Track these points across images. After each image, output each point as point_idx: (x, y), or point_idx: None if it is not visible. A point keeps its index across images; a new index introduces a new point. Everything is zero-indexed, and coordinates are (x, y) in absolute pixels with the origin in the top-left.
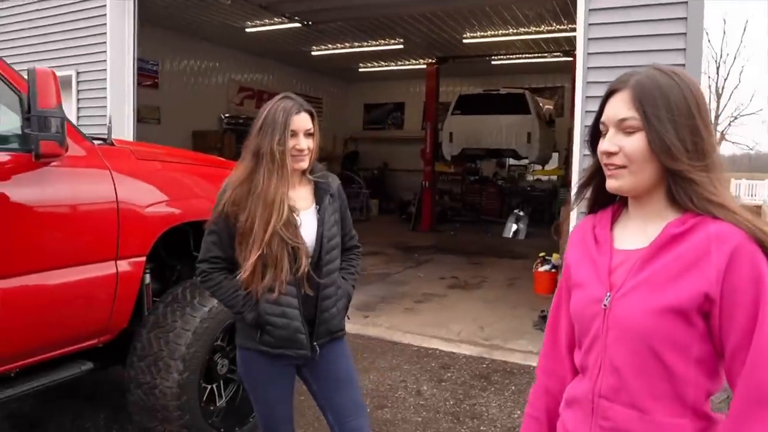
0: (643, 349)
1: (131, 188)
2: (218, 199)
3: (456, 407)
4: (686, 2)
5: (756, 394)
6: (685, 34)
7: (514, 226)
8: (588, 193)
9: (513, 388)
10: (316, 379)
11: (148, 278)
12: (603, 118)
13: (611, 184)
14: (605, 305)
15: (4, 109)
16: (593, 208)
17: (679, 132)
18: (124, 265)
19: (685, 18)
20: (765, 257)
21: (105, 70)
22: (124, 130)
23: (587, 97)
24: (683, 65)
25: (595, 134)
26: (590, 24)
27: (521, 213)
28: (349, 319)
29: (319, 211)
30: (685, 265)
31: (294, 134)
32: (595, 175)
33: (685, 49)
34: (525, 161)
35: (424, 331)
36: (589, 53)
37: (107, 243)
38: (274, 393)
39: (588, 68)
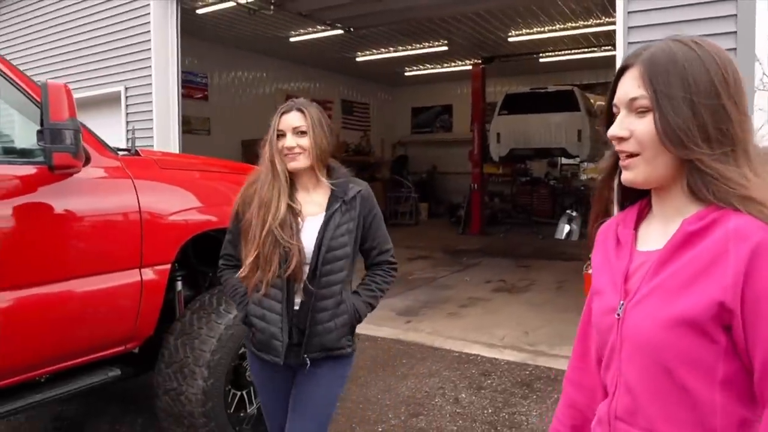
0: (656, 368)
1: (154, 197)
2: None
3: (494, 416)
4: None
5: None
6: (735, 15)
7: (567, 227)
8: (612, 192)
9: (556, 396)
10: (294, 390)
11: (179, 285)
12: (615, 99)
13: (625, 176)
14: (618, 315)
15: (32, 124)
16: (623, 204)
17: (697, 113)
18: (148, 273)
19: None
20: None
21: (150, 84)
22: (170, 141)
23: None
24: (735, 49)
25: (610, 120)
26: (630, 12)
27: (574, 213)
28: (353, 342)
29: (324, 218)
30: (700, 268)
31: (282, 134)
32: (615, 169)
33: (736, 32)
34: (576, 160)
35: (466, 336)
36: (629, 42)
37: (130, 251)
38: (268, 396)
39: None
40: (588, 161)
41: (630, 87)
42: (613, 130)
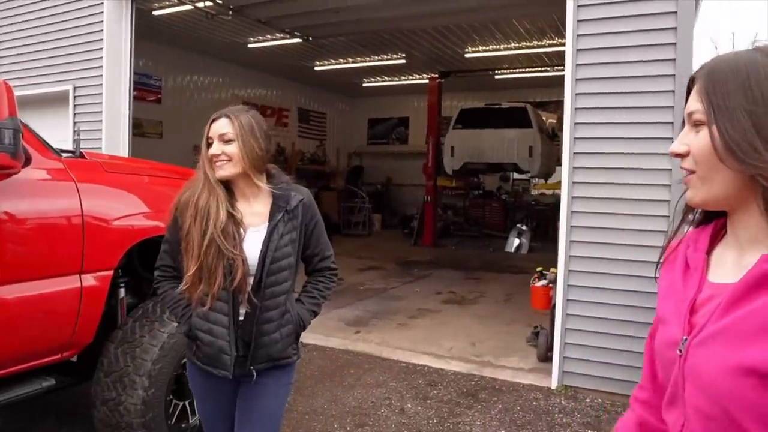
0: (720, 413)
1: (98, 201)
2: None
3: (439, 426)
4: (675, 12)
5: None
6: (674, 44)
7: (517, 241)
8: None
9: (500, 406)
10: (240, 402)
11: (122, 292)
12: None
13: (686, 195)
14: (681, 351)
15: None
16: (700, 222)
17: (759, 122)
18: (89, 279)
19: (675, 28)
20: None
21: (101, 85)
22: (119, 144)
23: (576, 108)
24: (673, 76)
25: None
26: (579, 35)
27: (524, 227)
28: (298, 350)
29: (268, 229)
30: None
31: (211, 141)
32: None
33: (674, 59)
34: (527, 175)
35: (414, 347)
36: (578, 64)
37: (70, 256)
38: (211, 408)
39: (577, 79)
40: (539, 177)
41: (691, 102)
42: (673, 146)
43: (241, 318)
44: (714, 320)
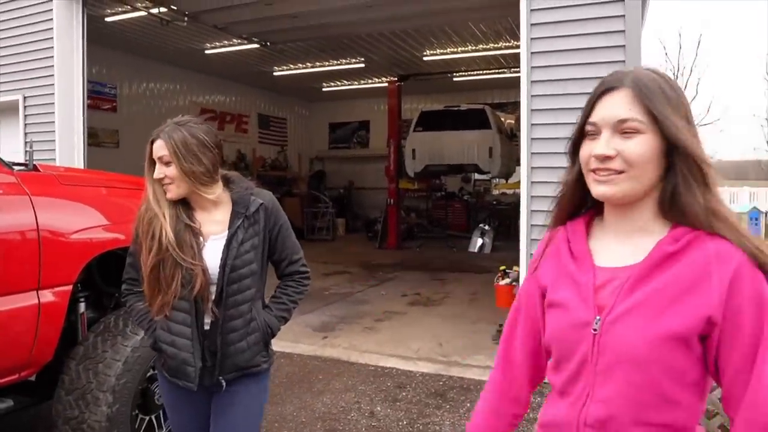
0: (639, 378)
1: (54, 214)
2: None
3: (409, 427)
4: (624, 16)
5: (761, 417)
6: (624, 46)
7: (480, 241)
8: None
9: (468, 405)
10: (213, 414)
11: (82, 307)
12: (595, 119)
13: (601, 191)
14: (595, 330)
15: None
16: (564, 220)
17: (680, 134)
18: (47, 295)
19: (623, 31)
20: (764, 277)
21: (53, 94)
22: (74, 155)
23: (532, 110)
24: None
25: (579, 138)
26: (532, 38)
27: (486, 227)
28: (269, 357)
29: (227, 237)
30: (685, 286)
31: (153, 163)
32: (577, 185)
33: (624, 61)
34: (488, 176)
35: (382, 350)
36: (532, 67)
37: (26, 272)
38: (182, 420)
39: (532, 81)
40: (499, 177)
41: (619, 109)
42: (600, 150)
43: (207, 328)
44: (623, 298)
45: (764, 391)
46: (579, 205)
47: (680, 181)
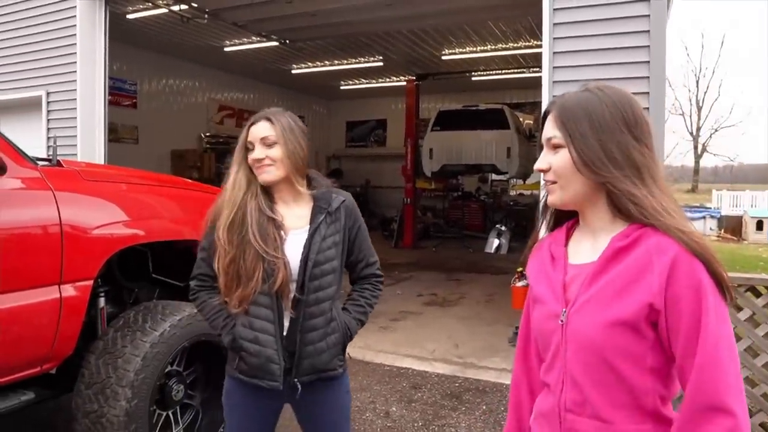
0: (599, 362)
1: (76, 210)
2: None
3: (424, 429)
4: (648, 15)
5: (702, 399)
6: (648, 46)
7: (496, 241)
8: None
9: (484, 407)
10: (300, 421)
11: (102, 302)
12: (541, 139)
13: (548, 200)
14: (562, 321)
15: None
16: (555, 226)
17: (605, 145)
18: (68, 290)
19: (648, 31)
20: (701, 265)
21: (75, 90)
22: (95, 150)
23: None
24: (647, 78)
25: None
26: (555, 38)
27: (503, 228)
28: (344, 362)
29: (309, 231)
30: (631, 277)
31: (251, 146)
32: None
33: (648, 62)
34: (506, 176)
35: (397, 350)
36: (554, 67)
37: (50, 267)
38: (251, 428)
39: (554, 82)
40: (517, 177)
41: (548, 128)
42: (537, 164)
43: (286, 328)
44: (583, 291)
45: (705, 373)
46: (567, 213)
47: (611, 187)
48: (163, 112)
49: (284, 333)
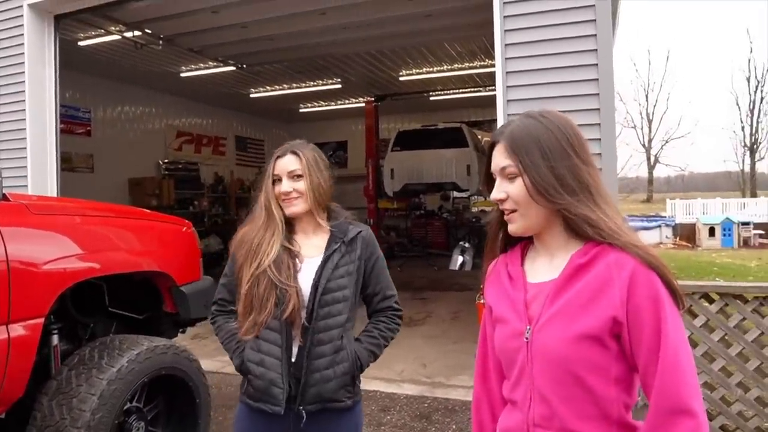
0: (566, 376)
1: (24, 245)
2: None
3: None
4: (595, 35)
5: (667, 403)
6: (596, 65)
7: (460, 258)
8: (498, 239)
9: (454, 426)
10: None
11: (55, 339)
12: (492, 168)
13: (510, 228)
14: (527, 338)
15: None
16: (506, 248)
17: (557, 171)
18: (17, 329)
19: (596, 50)
20: (657, 277)
21: (24, 119)
22: (47, 181)
23: None
24: (597, 95)
25: (489, 182)
26: (507, 58)
27: (467, 245)
28: (354, 394)
29: (322, 259)
30: (593, 292)
31: (278, 179)
32: (501, 222)
33: (597, 79)
34: (467, 193)
35: (365, 373)
36: (508, 86)
37: None
38: None
39: (508, 101)
40: (478, 194)
41: (499, 158)
42: (494, 194)
43: (294, 356)
44: (546, 308)
45: (667, 379)
46: (509, 237)
47: (566, 213)
48: (119, 140)
49: (292, 359)
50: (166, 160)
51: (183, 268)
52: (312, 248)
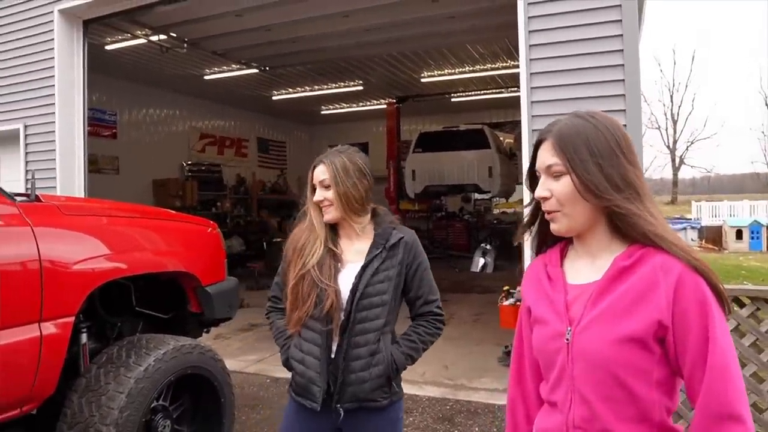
0: (608, 378)
1: (56, 245)
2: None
3: None
4: (621, 35)
5: (715, 409)
6: (622, 65)
7: (482, 260)
8: (533, 233)
9: (477, 429)
10: None
11: (84, 338)
12: (537, 166)
13: (552, 228)
14: (568, 339)
15: None
16: (541, 248)
17: (605, 170)
18: (49, 327)
19: (622, 50)
20: (704, 281)
21: (54, 122)
22: (75, 183)
23: (533, 130)
24: (623, 95)
25: (533, 180)
26: (531, 59)
27: (488, 246)
28: (390, 394)
29: (363, 264)
30: (638, 295)
31: (314, 188)
32: (537, 215)
33: (623, 80)
34: (488, 195)
35: None
36: (532, 87)
37: (29, 305)
38: None
39: (532, 102)
40: (499, 196)
41: (546, 156)
42: (538, 192)
43: (334, 351)
44: (588, 310)
45: (715, 383)
46: (544, 236)
47: (615, 208)
48: (144, 142)
49: (330, 359)
50: (189, 162)
51: (208, 268)
52: (354, 253)
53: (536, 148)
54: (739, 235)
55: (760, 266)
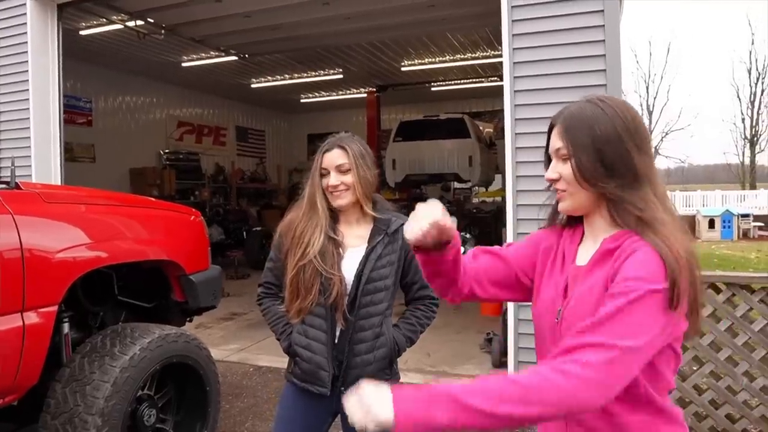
0: None
1: (38, 233)
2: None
3: None
4: (603, 26)
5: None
6: (604, 55)
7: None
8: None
9: None
10: (344, 431)
11: (66, 327)
12: (549, 149)
13: (559, 207)
14: (557, 319)
15: None
16: (553, 219)
17: (606, 157)
18: (31, 317)
19: (603, 41)
20: (662, 264)
21: (28, 109)
22: (51, 170)
23: (516, 119)
24: (604, 85)
25: (548, 162)
26: (515, 48)
27: (468, 235)
28: (392, 375)
29: (366, 250)
30: (608, 276)
31: (326, 172)
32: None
33: (605, 70)
34: (468, 184)
35: None
36: (515, 77)
37: (11, 294)
38: (293, 430)
39: (515, 91)
40: (479, 185)
41: (555, 140)
42: (548, 174)
43: (337, 335)
44: (575, 291)
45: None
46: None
47: (610, 195)
48: (121, 130)
49: (336, 341)
50: (167, 150)
51: (191, 256)
52: (355, 238)
53: (549, 131)
54: (711, 224)
55: (731, 254)
